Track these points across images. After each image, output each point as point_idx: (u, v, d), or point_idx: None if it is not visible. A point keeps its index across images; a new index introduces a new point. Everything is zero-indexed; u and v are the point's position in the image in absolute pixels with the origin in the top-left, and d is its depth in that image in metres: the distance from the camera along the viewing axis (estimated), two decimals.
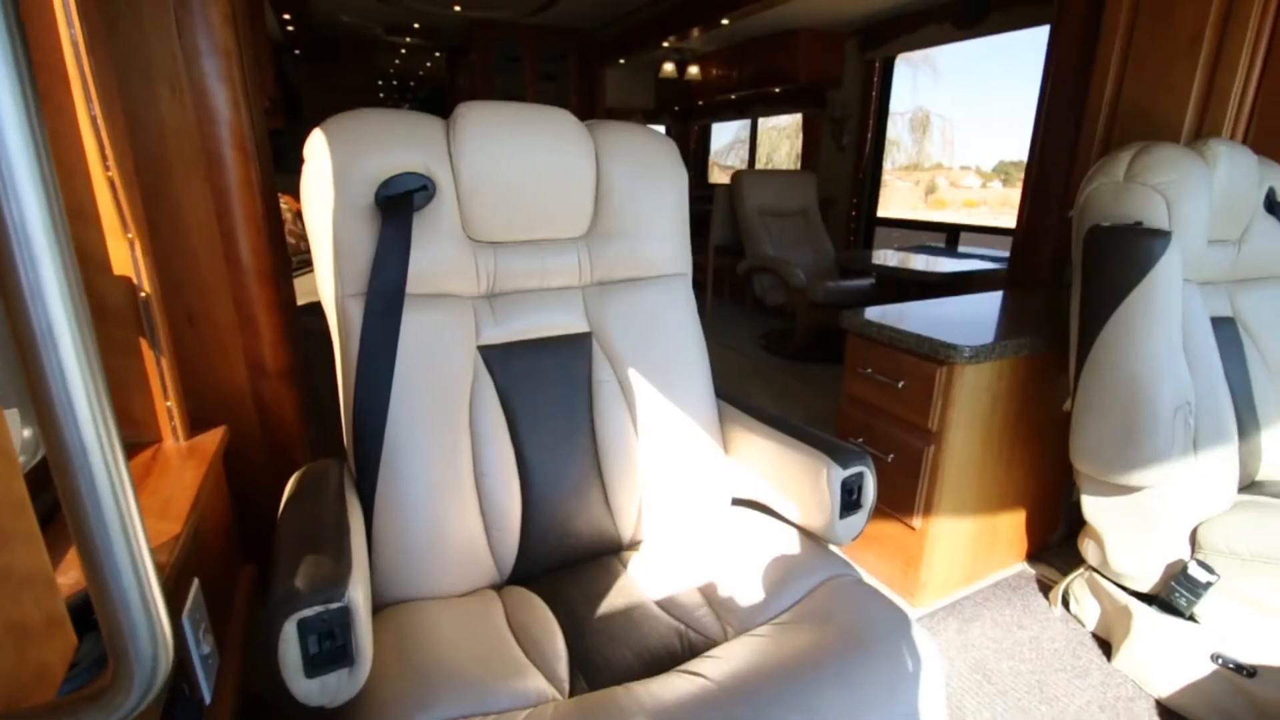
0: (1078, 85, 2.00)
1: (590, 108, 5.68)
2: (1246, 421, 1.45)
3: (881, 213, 4.76)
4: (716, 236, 4.16)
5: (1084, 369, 1.34)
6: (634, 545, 1.13)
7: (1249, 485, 1.46)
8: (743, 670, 0.74)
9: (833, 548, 1.84)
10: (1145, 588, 1.39)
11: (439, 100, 8.43)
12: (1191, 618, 1.32)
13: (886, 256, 3.61)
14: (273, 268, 1.20)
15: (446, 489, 0.94)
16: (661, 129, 6.51)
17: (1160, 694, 1.37)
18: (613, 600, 0.95)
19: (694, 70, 5.25)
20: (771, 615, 0.88)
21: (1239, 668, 1.26)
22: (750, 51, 4.88)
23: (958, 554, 1.65)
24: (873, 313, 1.68)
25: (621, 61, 5.33)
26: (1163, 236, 1.25)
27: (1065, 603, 1.63)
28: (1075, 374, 1.38)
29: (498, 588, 1.01)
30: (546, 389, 1.06)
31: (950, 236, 4.15)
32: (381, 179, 0.93)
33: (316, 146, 0.92)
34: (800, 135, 5.17)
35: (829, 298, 3.40)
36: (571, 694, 0.78)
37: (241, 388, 1.21)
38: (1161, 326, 1.24)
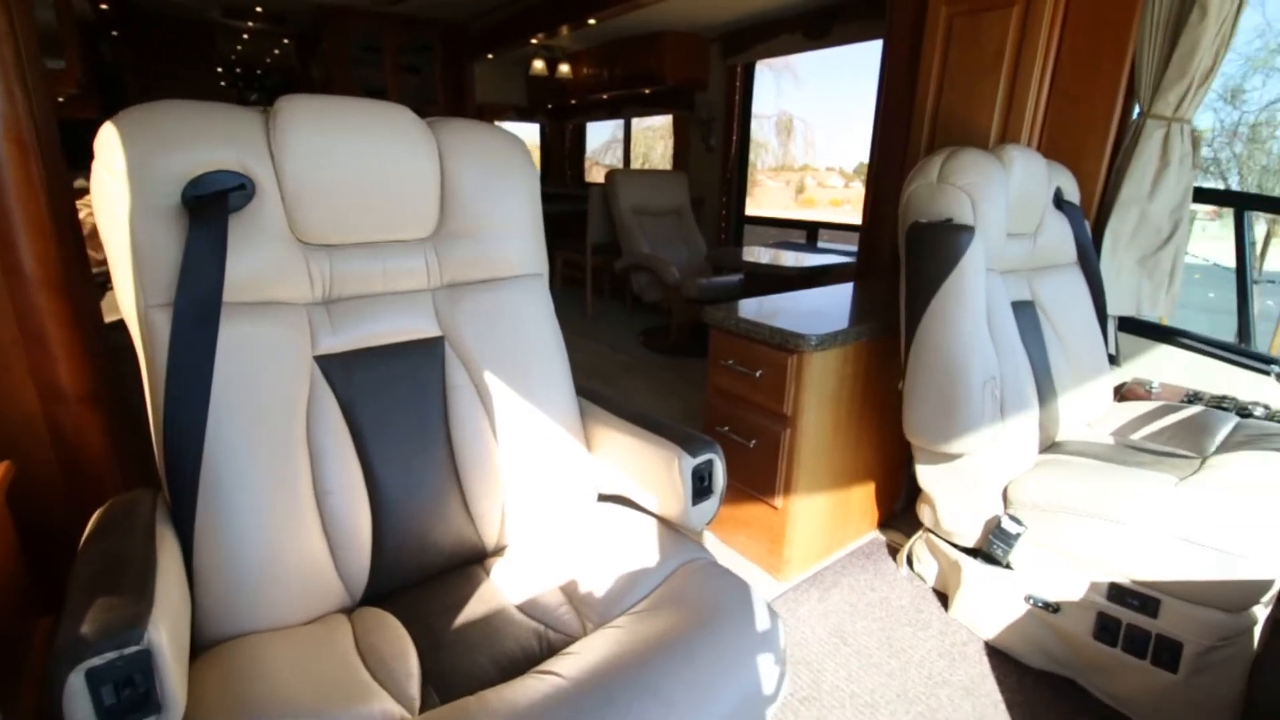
0: (906, 95, 2.20)
1: (459, 103, 5.50)
2: (1045, 391, 1.67)
3: (756, 211, 4.99)
4: (594, 235, 4.19)
5: (910, 351, 1.48)
6: (499, 551, 1.11)
7: (1050, 446, 1.69)
8: (596, 663, 0.75)
9: (709, 534, 1.90)
10: (970, 543, 1.56)
11: (290, 90, 7.78)
12: (1007, 566, 1.50)
13: (757, 253, 3.80)
14: (64, 277, 1.05)
15: (281, 512, 0.87)
16: (536, 127, 6.44)
17: (987, 636, 1.55)
18: (472, 610, 0.93)
19: (565, 69, 5.23)
20: (629, 605, 0.90)
21: (1046, 605, 1.45)
22: (619, 52, 4.94)
23: (817, 528, 1.77)
24: (732, 308, 1.76)
25: (490, 57, 5.20)
26: (968, 231, 1.41)
27: (910, 563, 1.81)
28: (905, 356, 1.52)
29: (349, 610, 0.96)
30: (396, 397, 1.01)
31: (810, 234, 4.44)
32: (189, 177, 0.85)
33: (108, 141, 0.82)
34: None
35: (702, 294, 3.52)
36: (422, 710, 0.75)
37: (31, 415, 1.05)
38: (970, 311, 1.40)
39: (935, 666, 1.48)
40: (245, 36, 6.25)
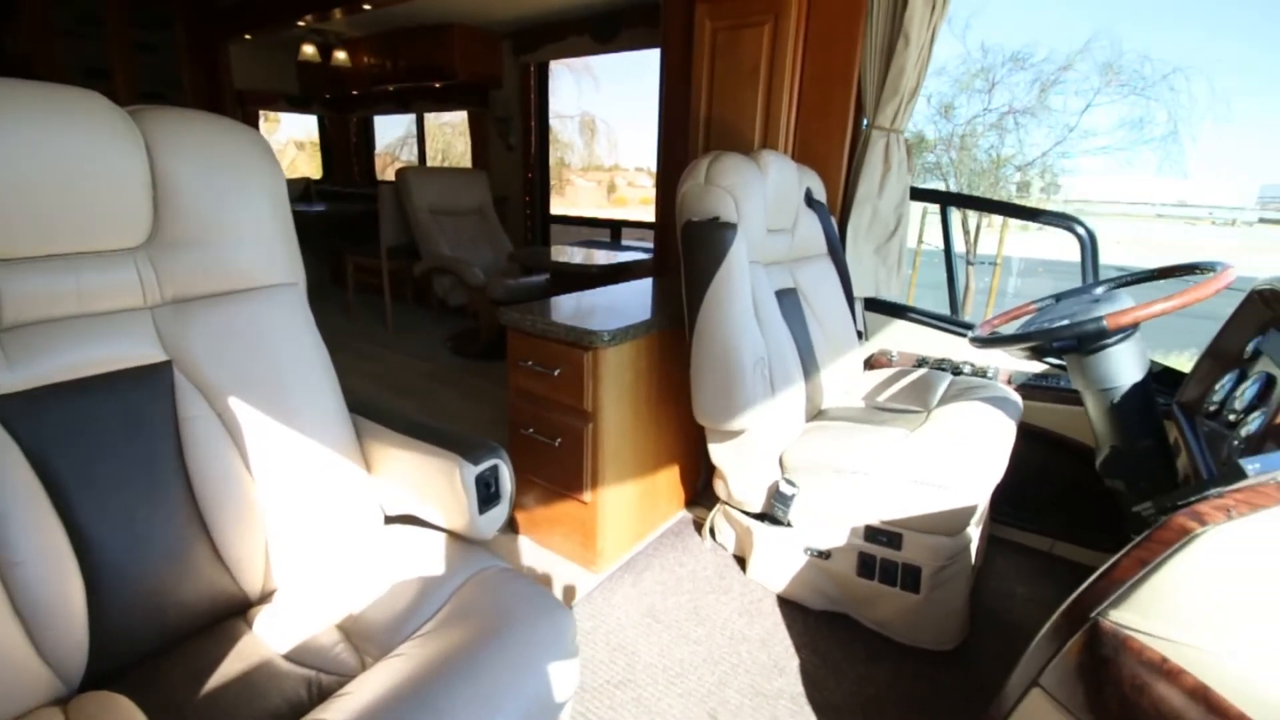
0: (683, 102, 2.34)
1: (212, 89, 4.79)
2: (809, 367, 1.89)
3: (570, 210, 5.01)
4: (388, 237, 3.91)
5: (693, 340, 1.60)
6: (265, 598, 0.99)
7: (817, 414, 1.92)
8: (370, 700, 0.70)
9: (524, 539, 1.88)
10: (757, 509, 1.73)
11: None
12: (788, 524, 1.68)
13: (565, 253, 3.81)
14: None
15: None
16: (314, 119, 5.84)
17: (779, 589, 1.73)
18: (228, 669, 0.82)
19: (342, 56, 4.79)
20: (413, 630, 0.86)
21: (820, 553, 1.65)
22: (405, 42, 4.65)
23: (627, 516, 1.84)
24: (527, 308, 1.75)
25: (248, 38, 4.60)
26: (732, 228, 1.54)
27: (712, 535, 1.95)
28: (689, 345, 1.63)
29: (64, 700, 0.79)
30: (109, 439, 0.85)
31: (614, 232, 4.58)
32: None
33: None
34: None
35: (509, 295, 3.46)
36: None
37: None
38: (738, 300, 1.54)
39: (736, 625, 1.61)
40: None
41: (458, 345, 3.78)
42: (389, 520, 1.12)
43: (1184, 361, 1.65)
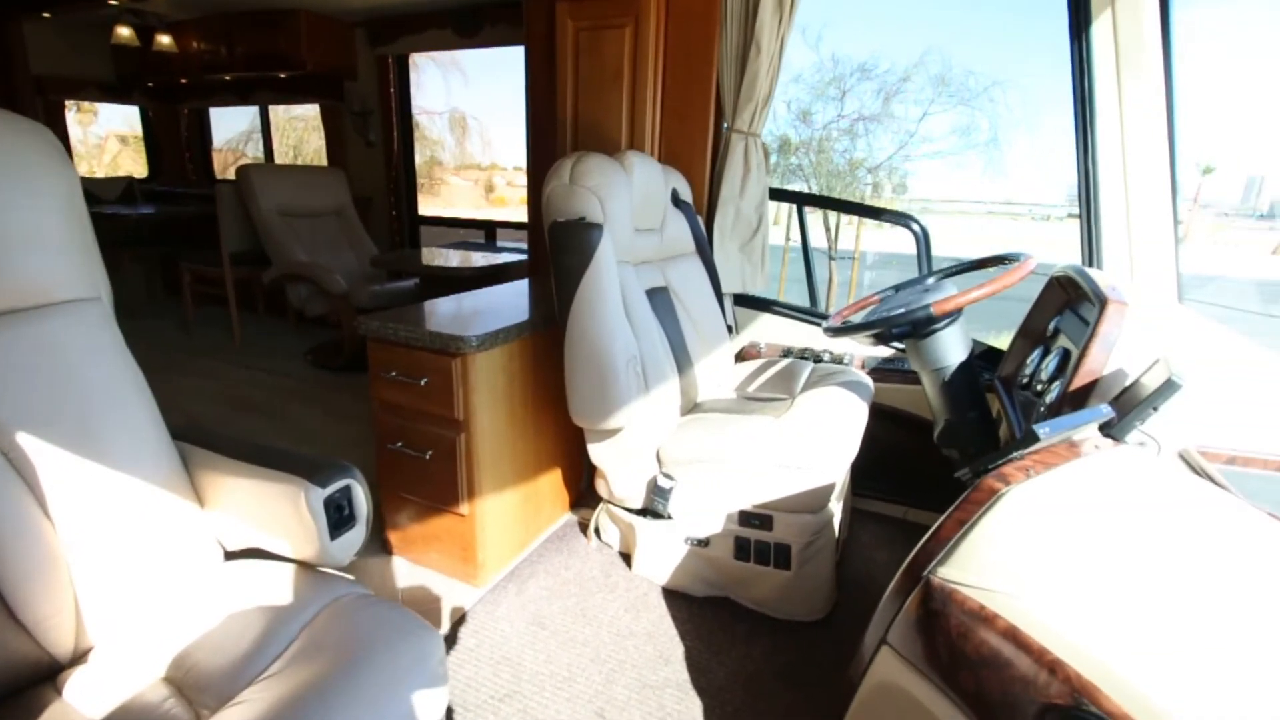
0: (550, 100, 2.32)
1: (3, 74, 4.11)
2: (683, 363, 1.94)
3: (446, 211, 4.77)
4: (231, 243, 3.54)
5: (565, 341, 1.59)
6: (80, 658, 0.86)
7: (693, 408, 1.98)
8: None
9: (400, 559, 1.79)
10: (638, 505, 1.76)
11: None
12: (668, 517, 1.72)
13: (442, 255, 3.64)
14: None
15: None
16: (135, 109, 5.18)
17: (663, 582, 1.77)
18: None
19: (166, 40, 4.26)
20: (258, 672, 0.78)
21: (699, 542, 1.71)
22: (243, 27, 4.23)
23: (508, 525, 1.80)
24: (388, 315, 1.66)
25: (46, 16, 3.98)
26: (598, 228, 1.55)
27: (598, 534, 1.96)
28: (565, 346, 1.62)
29: None
30: None
31: (488, 233, 4.45)
32: None
33: None
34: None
35: (375, 302, 3.26)
36: None
37: None
38: (608, 300, 1.55)
39: (623, 622, 1.63)
40: None
41: (318, 358, 3.50)
42: (229, 556, 1.02)
43: (1006, 341, 1.89)
